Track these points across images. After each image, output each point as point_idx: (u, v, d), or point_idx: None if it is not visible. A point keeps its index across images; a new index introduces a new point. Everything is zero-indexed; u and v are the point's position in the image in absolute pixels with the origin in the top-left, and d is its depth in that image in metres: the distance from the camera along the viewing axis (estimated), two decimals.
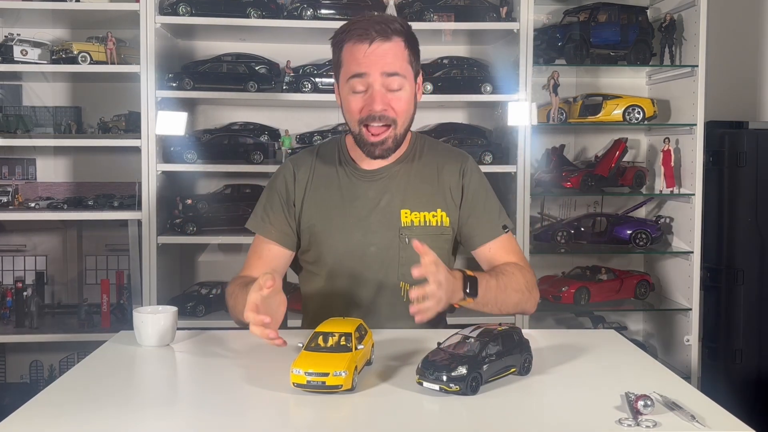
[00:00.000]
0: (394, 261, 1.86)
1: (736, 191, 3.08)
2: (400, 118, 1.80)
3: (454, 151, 2.00)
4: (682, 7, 3.15)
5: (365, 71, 1.76)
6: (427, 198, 1.89)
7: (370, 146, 1.81)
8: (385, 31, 1.76)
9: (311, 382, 1.34)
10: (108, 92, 3.22)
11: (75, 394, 1.37)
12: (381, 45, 1.75)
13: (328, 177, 1.91)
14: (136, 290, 3.05)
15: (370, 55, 1.75)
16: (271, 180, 1.97)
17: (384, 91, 1.77)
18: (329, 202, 1.89)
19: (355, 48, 1.76)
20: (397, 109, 1.79)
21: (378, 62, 1.75)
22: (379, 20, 1.77)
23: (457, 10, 3.04)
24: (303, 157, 1.97)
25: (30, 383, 3.28)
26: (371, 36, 1.75)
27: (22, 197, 3.13)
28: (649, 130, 3.41)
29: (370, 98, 1.77)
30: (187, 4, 2.93)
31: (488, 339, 1.36)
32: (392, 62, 1.76)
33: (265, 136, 3.19)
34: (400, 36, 1.79)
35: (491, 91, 3.07)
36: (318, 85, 3.06)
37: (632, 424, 1.20)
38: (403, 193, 1.88)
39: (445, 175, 1.92)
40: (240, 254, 3.30)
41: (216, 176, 3.29)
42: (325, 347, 1.40)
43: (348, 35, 1.78)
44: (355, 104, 1.79)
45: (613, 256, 3.42)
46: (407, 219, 1.87)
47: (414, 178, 1.90)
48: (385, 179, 1.89)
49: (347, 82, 1.79)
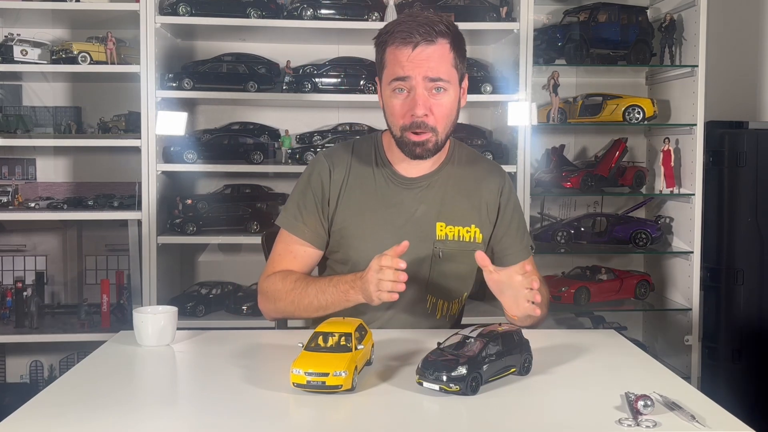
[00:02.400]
0: (424, 274, 1.83)
1: (736, 191, 3.08)
2: (440, 125, 1.76)
3: (494, 167, 1.97)
4: (682, 7, 3.15)
5: (408, 74, 1.71)
6: (462, 212, 1.86)
7: (411, 145, 1.76)
8: (429, 34, 1.70)
9: (311, 382, 1.33)
10: (108, 92, 3.22)
11: (75, 394, 1.37)
12: (425, 49, 1.70)
13: (365, 178, 1.86)
14: (136, 290, 3.05)
15: (414, 59, 1.70)
16: (305, 176, 1.90)
17: (427, 95, 1.73)
18: (364, 205, 1.85)
19: (399, 51, 1.72)
20: (437, 115, 1.74)
21: (421, 66, 1.70)
22: (424, 21, 1.71)
23: (457, 10, 3.04)
24: (339, 155, 1.90)
25: (30, 383, 3.28)
26: (415, 39, 1.69)
27: (22, 197, 3.13)
28: (649, 130, 3.41)
29: (413, 101, 1.72)
30: (187, 4, 2.93)
31: (488, 339, 1.36)
32: (436, 67, 1.71)
33: (265, 136, 3.19)
34: (446, 38, 1.73)
35: (491, 91, 3.07)
36: (318, 85, 3.06)
37: (632, 424, 1.20)
38: (439, 205, 1.85)
39: (483, 191, 1.89)
40: (240, 254, 3.30)
41: (216, 176, 3.29)
42: (325, 347, 1.39)
43: (392, 37, 1.73)
44: (397, 107, 1.75)
45: (613, 256, 3.42)
46: (442, 232, 1.84)
47: (451, 189, 1.87)
48: (423, 188, 1.85)
49: (389, 84, 1.75)
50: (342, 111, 3.33)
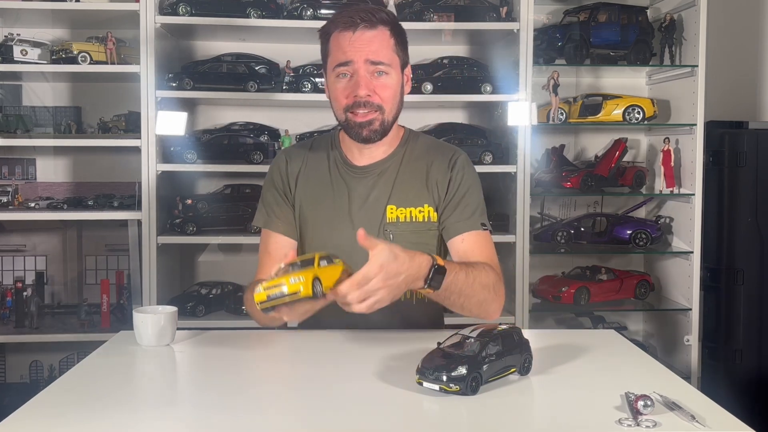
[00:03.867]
0: None
1: (736, 191, 3.08)
2: (387, 105, 1.79)
3: (445, 146, 1.98)
4: (682, 7, 3.15)
5: (350, 59, 1.76)
6: (414, 193, 1.87)
7: (357, 127, 1.79)
8: (370, 19, 1.76)
9: (271, 295, 1.36)
10: (108, 92, 3.22)
11: (75, 394, 1.37)
12: (365, 32, 1.76)
13: (319, 170, 1.91)
14: (136, 290, 3.05)
15: (355, 42, 1.76)
16: (267, 175, 1.97)
17: (369, 77, 1.77)
18: (319, 195, 1.89)
19: (341, 36, 1.77)
20: (382, 95, 1.78)
21: (363, 49, 1.76)
22: (364, 9, 1.78)
23: (457, 10, 3.04)
24: (296, 150, 1.98)
25: (30, 383, 3.28)
26: (356, 23, 1.75)
27: (22, 197, 3.13)
28: (649, 130, 3.41)
29: (355, 84, 1.77)
30: (187, 4, 2.93)
31: (488, 339, 1.36)
32: (377, 50, 1.77)
33: (265, 136, 3.19)
34: (386, 25, 1.79)
35: (491, 91, 3.07)
36: (318, 85, 3.05)
37: (632, 424, 1.20)
38: (390, 189, 1.87)
39: (434, 170, 1.89)
40: (240, 254, 3.30)
41: (216, 176, 3.29)
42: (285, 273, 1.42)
43: (334, 25, 1.80)
44: (340, 91, 1.79)
45: (613, 256, 3.42)
46: (392, 215, 1.85)
47: (403, 173, 1.89)
48: (375, 175, 1.88)
49: (333, 70, 1.79)
50: None
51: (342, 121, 1.83)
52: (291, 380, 1.50)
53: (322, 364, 1.59)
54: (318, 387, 1.45)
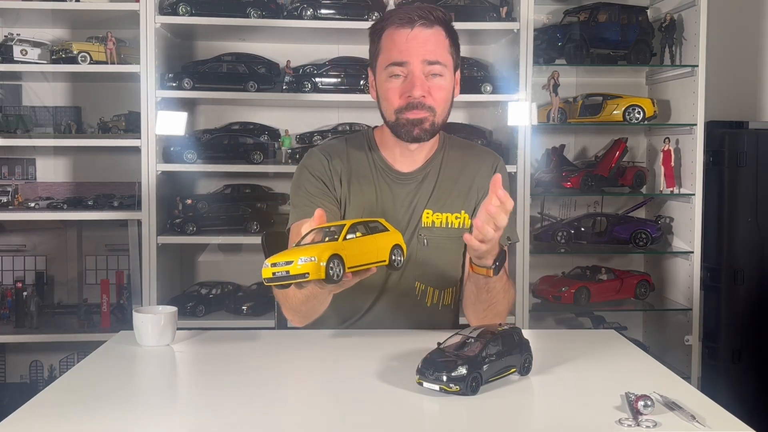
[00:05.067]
0: (412, 260, 1.82)
1: (736, 191, 3.08)
2: (439, 107, 1.74)
3: (484, 152, 1.96)
4: (682, 7, 3.15)
5: (406, 59, 1.70)
6: (452, 199, 1.85)
7: (409, 125, 1.72)
8: (427, 17, 1.70)
9: (276, 274, 1.20)
10: (108, 92, 3.22)
11: (75, 394, 1.37)
12: (423, 31, 1.70)
13: (363, 172, 1.84)
14: (136, 290, 3.05)
15: (412, 40, 1.69)
16: (303, 172, 1.83)
17: (423, 78, 1.71)
18: (365, 199, 1.82)
19: (396, 33, 1.71)
20: (436, 97, 1.73)
21: (420, 49, 1.69)
22: (422, 6, 1.71)
23: (457, 10, 3.04)
24: (333, 148, 1.87)
25: (30, 383, 3.28)
26: (414, 20, 1.69)
27: (22, 197, 3.14)
28: (649, 130, 3.41)
29: (410, 84, 1.70)
30: (187, 4, 2.93)
31: (488, 339, 1.36)
32: (434, 50, 1.71)
33: (265, 136, 3.19)
34: (442, 25, 1.74)
35: (491, 91, 3.07)
36: (318, 85, 3.06)
37: (632, 424, 1.20)
38: (430, 194, 1.84)
39: (473, 176, 1.86)
40: (240, 254, 3.31)
41: (216, 176, 3.29)
42: (309, 243, 1.25)
43: (389, 21, 1.73)
44: (393, 91, 1.72)
45: (613, 256, 3.42)
46: (428, 219, 1.83)
47: (443, 178, 1.85)
48: (417, 182, 1.84)
49: (386, 69, 1.73)
50: (342, 111, 3.33)
51: (391, 121, 1.76)
52: (291, 380, 1.50)
53: (322, 363, 1.59)
54: (318, 387, 1.46)
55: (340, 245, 1.24)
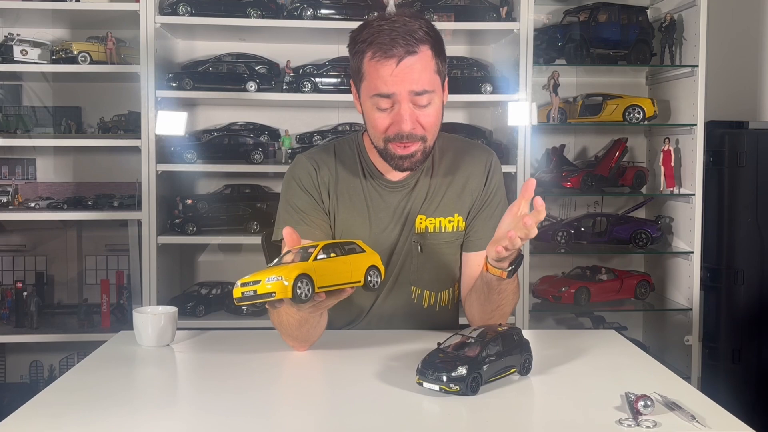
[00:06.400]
0: (406, 266, 1.82)
1: (736, 191, 3.08)
2: (429, 132, 1.69)
3: (475, 147, 1.92)
4: (682, 7, 3.15)
5: (393, 91, 1.62)
6: (446, 202, 1.82)
7: (398, 159, 1.69)
8: (411, 44, 1.61)
9: (245, 293, 1.22)
10: (108, 92, 3.22)
11: (75, 394, 1.37)
12: (407, 59, 1.61)
13: (352, 183, 1.81)
14: (136, 290, 3.05)
15: (397, 74, 1.61)
16: (291, 182, 1.81)
17: (412, 109, 1.64)
18: (355, 211, 1.80)
19: (381, 66, 1.62)
20: (425, 125, 1.67)
21: (405, 80, 1.62)
22: (403, 31, 1.61)
23: (457, 10, 3.04)
24: (320, 157, 1.82)
25: (30, 383, 3.28)
26: (398, 53, 1.60)
27: (22, 197, 3.14)
28: (649, 130, 3.41)
29: (398, 117, 1.64)
30: (187, 4, 2.93)
31: (488, 339, 1.36)
32: (419, 78, 1.63)
33: (265, 136, 3.19)
34: (427, 44, 1.64)
35: (491, 91, 3.07)
36: (318, 85, 3.05)
37: (632, 424, 1.20)
38: (423, 199, 1.81)
39: (466, 177, 1.84)
40: (240, 254, 3.31)
41: (216, 176, 3.29)
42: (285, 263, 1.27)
43: (371, 47, 1.63)
44: (381, 122, 1.66)
45: (613, 256, 3.42)
46: (422, 225, 1.81)
47: (435, 181, 1.82)
48: (410, 187, 1.81)
49: (371, 98, 1.66)
50: (342, 111, 3.33)
51: (380, 147, 1.70)
52: (291, 380, 1.50)
53: (322, 364, 1.59)
54: (318, 387, 1.46)
55: (309, 265, 1.27)
